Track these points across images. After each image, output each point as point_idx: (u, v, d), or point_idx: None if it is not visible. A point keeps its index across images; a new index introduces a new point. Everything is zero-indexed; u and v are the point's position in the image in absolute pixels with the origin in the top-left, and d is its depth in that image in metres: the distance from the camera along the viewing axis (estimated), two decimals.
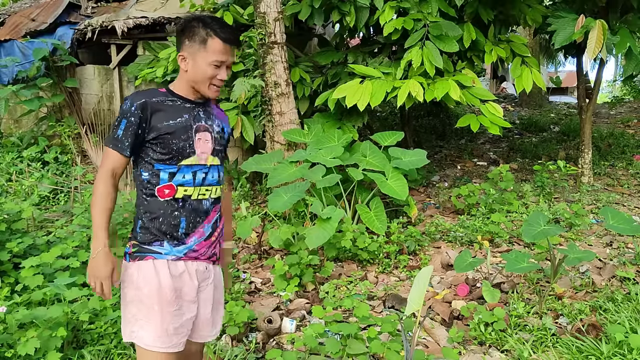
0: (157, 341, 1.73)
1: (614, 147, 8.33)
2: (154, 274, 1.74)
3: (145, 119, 1.70)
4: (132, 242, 1.78)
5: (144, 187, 1.77)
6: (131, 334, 1.76)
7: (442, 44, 5.14)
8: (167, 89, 1.80)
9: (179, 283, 1.78)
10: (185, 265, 1.80)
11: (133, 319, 1.76)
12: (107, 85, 8.04)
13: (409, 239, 4.51)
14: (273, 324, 3.21)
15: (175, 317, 1.76)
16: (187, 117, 1.77)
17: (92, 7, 8.87)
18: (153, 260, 1.75)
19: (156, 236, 1.76)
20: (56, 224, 4.50)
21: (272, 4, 5.24)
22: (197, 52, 1.72)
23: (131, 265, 1.76)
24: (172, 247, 1.77)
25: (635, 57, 5.35)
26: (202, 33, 1.71)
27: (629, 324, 2.87)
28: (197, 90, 1.78)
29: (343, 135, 5.23)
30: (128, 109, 1.69)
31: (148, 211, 1.76)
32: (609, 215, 3.37)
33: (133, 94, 1.75)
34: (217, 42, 1.72)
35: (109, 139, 1.73)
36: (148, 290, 1.73)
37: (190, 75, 1.76)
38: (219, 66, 1.74)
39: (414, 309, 2.26)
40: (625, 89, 16.69)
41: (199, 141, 1.78)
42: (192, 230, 1.80)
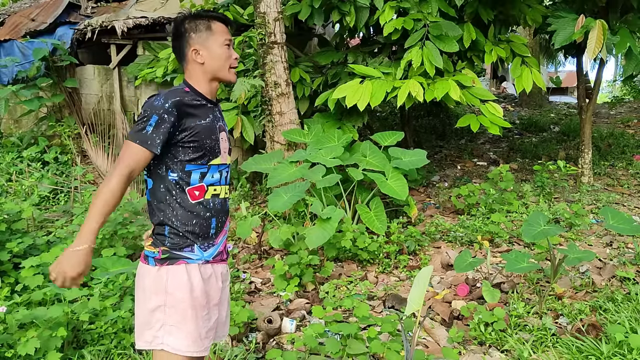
0: (191, 346, 1.71)
1: (614, 147, 8.33)
2: (187, 279, 1.71)
3: (180, 119, 1.67)
4: (162, 247, 1.72)
5: (173, 189, 1.72)
6: (154, 339, 1.71)
7: (442, 44, 5.14)
8: (190, 87, 1.77)
9: (208, 286, 1.77)
10: (212, 267, 1.80)
11: (157, 325, 1.70)
12: (107, 85, 8.04)
13: (409, 239, 4.51)
14: (273, 324, 3.21)
15: (206, 321, 1.76)
16: (212, 117, 1.79)
17: (92, 7, 8.87)
18: (185, 265, 1.72)
19: (187, 240, 1.73)
20: (56, 224, 4.50)
21: (272, 4, 5.24)
22: (207, 39, 1.75)
23: (159, 270, 1.71)
24: (202, 251, 1.76)
25: (635, 57, 5.35)
26: (204, 22, 1.76)
27: (629, 324, 2.87)
28: (217, 78, 1.79)
29: (343, 135, 5.23)
30: (161, 106, 1.63)
31: (178, 214, 1.72)
32: (609, 215, 3.37)
33: (163, 92, 1.69)
34: (219, 24, 1.78)
35: (134, 134, 1.64)
36: (181, 295, 1.70)
37: (208, 66, 1.76)
38: (229, 45, 1.78)
39: (414, 309, 2.26)
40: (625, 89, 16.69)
41: (222, 140, 1.81)
42: (220, 229, 1.82)
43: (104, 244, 3.88)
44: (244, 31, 5.88)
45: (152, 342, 1.72)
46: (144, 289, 1.74)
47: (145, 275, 1.74)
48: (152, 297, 1.71)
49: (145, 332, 1.73)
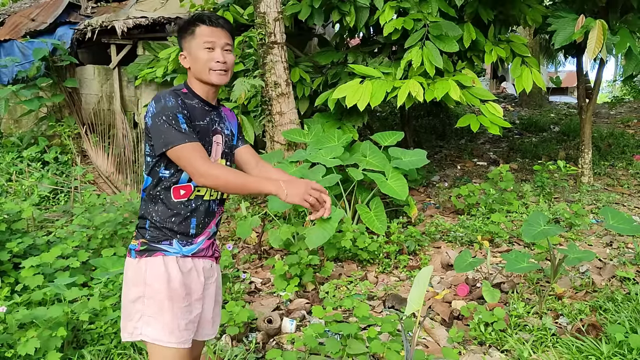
0: (170, 336, 1.71)
1: (614, 147, 8.33)
2: (164, 270, 1.73)
3: (189, 114, 1.71)
4: (140, 240, 1.77)
5: (160, 185, 1.75)
6: (134, 330, 1.74)
7: (442, 44, 5.14)
8: (188, 89, 1.80)
9: (188, 279, 1.78)
10: (193, 262, 1.80)
11: (137, 316, 1.73)
12: (107, 85, 8.04)
13: (409, 239, 4.51)
14: (273, 324, 3.21)
15: (186, 313, 1.76)
16: (208, 120, 1.80)
17: (92, 7, 8.88)
18: (162, 257, 1.74)
19: (166, 235, 1.76)
20: (56, 224, 4.50)
21: (272, 4, 5.24)
22: (190, 43, 1.77)
23: (138, 262, 1.75)
24: (181, 246, 1.77)
25: (635, 57, 5.35)
26: (190, 26, 1.78)
27: (629, 324, 2.87)
28: (203, 82, 1.78)
29: (343, 135, 5.23)
30: (175, 104, 1.67)
31: (160, 210, 1.76)
32: (609, 215, 3.37)
33: (165, 93, 1.72)
34: (203, 27, 1.76)
35: (178, 137, 1.64)
36: (158, 286, 1.72)
37: (193, 69, 1.78)
38: (212, 48, 1.75)
39: (414, 309, 2.26)
40: (625, 89, 16.69)
41: (215, 144, 1.82)
42: (201, 230, 1.82)
43: (104, 244, 3.89)
44: (244, 31, 5.88)
45: (132, 333, 1.74)
46: (126, 281, 1.78)
47: (127, 267, 1.79)
48: (132, 289, 1.75)
49: (127, 324, 1.76)
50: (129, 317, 1.75)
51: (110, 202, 4.83)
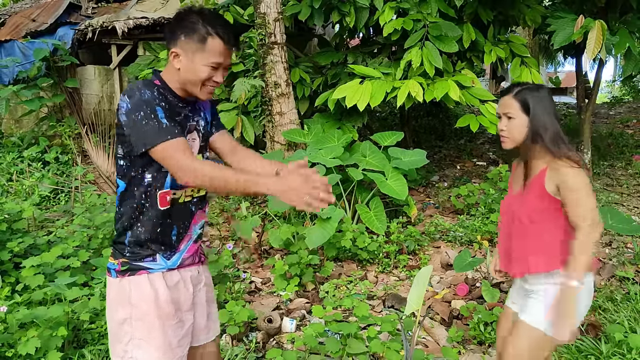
0: (162, 358, 1.62)
1: (613, 147, 8.34)
2: (150, 289, 1.61)
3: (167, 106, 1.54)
4: (120, 259, 1.62)
5: (145, 191, 1.59)
6: (124, 354, 1.63)
7: (441, 45, 5.15)
8: (160, 81, 1.61)
9: (176, 294, 1.67)
10: (180, 273, 1.69)
11: (126, 339, 1.62)
12: (107, 85, 8.05)
13: (408, 239, 4.52)
14: (273, 323, 3.22)
15: (177, 330, 1.67)
16: (182, 117, 1.62)
17: (93, 8, 8.89)
18: (147, 275, 1.62)
19: (149, 249, 1.62)
20: (57, 224, 4.51)
21: (272, 4, 5.25)
22: (194, 52, 1.54)
23: (120, 282, 1.62)
24: (165, 260, 1.65)
25: (635, 58, 5.36)
26: (202, 31, 1.52)
27: (628, 324, 2.88)
28: (186, 90, 1.61)
29: (343, 135, 5.24)
30: (152, 97, 1.51)
31: (145, 221, 1.61)
32: (608, 215, 3.38)
33: (137, 84, 1.54)
34: (218, 43, 1.54)
35: (159, 134, 1.47)
36: (146, 307, 1.60)
37: (182, 75, 1.57)
38: (216, 68, 1.57)
39: (414, 309, 2.27)
40: (624, 89, 16.70)
41: (190, 142, 1.65)
42: (183, 235, 1.69)
43: (104, 244, 3.89)
44: (244, 31, 5.89)
45: (123, 357, 1.64)
46: (110, 302, 1.67)
47: (109, 287, 1.67)
48: (118, 309, 1.63)
49: (117, 346, 1.65)
50: (118, 339, 1.64)
51: (111, 202, 4.84)
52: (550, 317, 1.80)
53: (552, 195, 1.83)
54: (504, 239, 2.05)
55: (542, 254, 1.88)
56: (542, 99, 1.84)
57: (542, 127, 1.82)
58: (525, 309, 1.92)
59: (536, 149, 1.86)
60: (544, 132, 1.82)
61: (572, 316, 1.75)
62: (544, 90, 1.88)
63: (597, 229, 1.78)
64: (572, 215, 1.80)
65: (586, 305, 1.90)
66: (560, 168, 1.80)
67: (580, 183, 1.78)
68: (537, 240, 1.88)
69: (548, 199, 1.84)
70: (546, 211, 1.86)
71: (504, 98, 1.88)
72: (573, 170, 1.79)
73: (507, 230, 2.01)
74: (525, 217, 1.90)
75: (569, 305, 1.75)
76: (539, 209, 1.86)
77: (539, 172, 1.86)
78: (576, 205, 1.79)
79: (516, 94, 1.85)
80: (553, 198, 1.84)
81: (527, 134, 1.84)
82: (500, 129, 1.89)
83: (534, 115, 1.82)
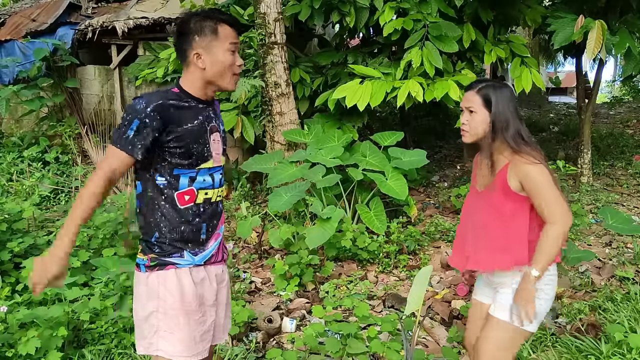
0: (185, 351, 1.69)
1: (613, 147, 8.34)
2: (177, 284, 1.69)
3: (164, 123, 1.61)
4: (150, 255, 1.70)
5: (161, 194, 1.68)
6: (149, 346, 1.70)
7: (441, 45, 5.14)
8: (179, 89, 1.71)
9: (201, 289, 1.75)
10: (205, 270, 1.77)
11: (152, 330, 1.69)
12: (107, 85, 8.05)
13: (408, 239, 4.52)
14: (273, 323, 3.22)
15: (200, 325, 1.74)
16: (201, 119, 1.71)
17: (93, 8, 8.88)
18: (175, 269, 1.69)
19: (176, 247, 1.70)
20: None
21: (272, 4, 5.25)
22: (211, 44, 1.66)
23: (149, 276, 1.70)
24: (192, 256, 1.73)
25: (635, 58, 5.36)
26: (210, 24, 1.66)
27: (628, 324, 2.88)
28: (215, 85, 1.72)
29: (343, 135, 5.24)
30: (142, 110, 1.58)
31: (167, 221, 1.69)
32: (608, 215, 3.38)
33: (147, 94, 1.63)
34: (227, 28, 1.68)
35: (116, 138, 1.60)
36: (172, 300, 1.68)
37: (209, 72, 1.68)
38: (234, 51, 1.70)
39: (414, 309, 2.27)
40: (624, 89, 16.69)
41: (213, 142, 1.75)
42: (211, 234, 1.78)
43: (104, 244, 3.89)
44: (244, 31, 5.89)
45: (148, 348, 1.72)
46: (138, 296, 1.73)
47: (138, 282, 1.74)
48: (145, 303, 1.70)
49: (143, 339, 1.73)
50: (145, 331, 1.72)
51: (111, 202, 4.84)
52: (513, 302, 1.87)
53: (516, 191, 1.85)
54: (463, 235, 2.06)
55: (508, 251, 1.89)
56: (504, 96, 1.86)
57: (503, 123, 1.84)
58: (496, 304, 1.95)
59: (498, 145, 1.88)
60: (505, 129, 1.84)
61: (531, 301, 1.82)
62: (507, 88, 1.90)
63: (564, 222, 1.81)
64: (540, 211, 1.83)
65: (548, 294, 1.92)
66: (520, 165, 1.82)
67: (540, 179, 1.80)
68: (503, 236, 1.90)
69: (512, 195, 1.86)
70: (512, 207, 1.87)
71: (467, 93, 1.90)
72: (534, 167, 1.81)
73: (469, 227, 2.01)
74: (492, 213, 1.91)
75: (528, 292, 1.82)
76: (504, 205, 1.88)
77: (502, 167, 1.88)
78: (541, 200, 1.81)
79: (479, 90, 1.87)
80: (517, 195, 1.86)
81: (488, 130, 1.87)
82: (462, 122, 1.92)
83: (496, 111, 1.84)
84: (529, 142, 1.88)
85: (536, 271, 1.81)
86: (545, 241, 1.82)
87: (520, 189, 1.85)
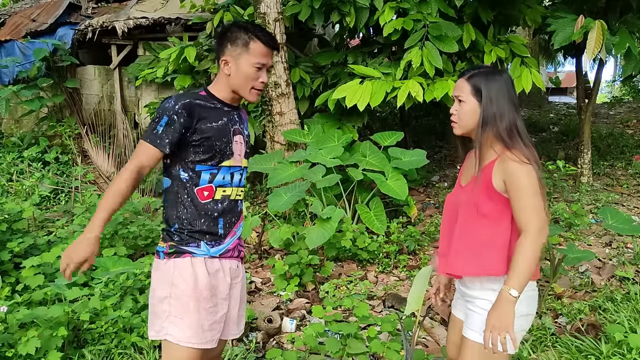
0: (192, 337, 1.75)
1: (613, 147, 8.34)
2: (191, 271, 1.76)
3: (190, 120, 1.72)
4: (169, 242, 1.80)
5: (184, 188, 1.79)
6: (161, 329, 1.77)
7: (441, 45, 5.14)
8: (207, 92, 1.83)
9: (215, 280, 1.81)
10: (220, 262, 1.84)
11: (164, 315, 1.76)
12: (107, 85, 8.05)
13: (408, 239, 4.52)
14: (273, 323, 3.22)
15: (211, 314, 1.79)
16: (225, 120, 1.82)
17: (93, 8, 8.89)
18: (191, 258, 1.78)
19: (193, 238, 1.79)
20: (57, 224, 4.51)
21: (272, 4, 5.25)
22: (240, 56, 1.77)
23: (166, 263, 1.79)
24: (209, 247, 1.81)
25: (635, 58, 5.36)
26: (245, 37, 1.77)
27: (628, 324, 2.88)
28: (238, 94, 1.83)
29: (343, 135, 5.24)
30: (171, 107, 1.71)
31: (187, 213, 1.79)
32: (608, 215, 3.38)
33: (176, 95, 1.77)
34: (259, 45, 1.77)
35: (147, 133, 1.73)
36: (185, 287, 1.75)
37: (233, 80, 1.79)
38: (261, 68, 1.79)
39: (414, 309, 2.26)
40: (624, 89, 16.70)
41: (236, 143, 1.85)
42: (228, 230, 1.86)
43: (104, 244, 3.89)
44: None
45: (159, 332, 1.78)
46: (154, 281, 1.82)
47: (156, 267, 1.83)
48: (160, 288, 1.79)
49: (155, 322, 1.80)
50: (157, 315, 1.79)
51: None
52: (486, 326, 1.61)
53: (500, 192, 1.66)
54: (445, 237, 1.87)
55: (477, 256, 1.70)
56: (497, 84, 1.66)
57: (497, 114, 1.64)
58: (468, 323, 1.77)
59: (489, 138, 1.68)
60: (499, 120, 1.64)
61: (508, 327, 1.56)
62: (502, 74, 1.69)
63: (542, 234, 1.58)
64: (516, 217, 1.63)
65: (527, 315, 1.72)
66: (507, 161, 1.62)
67: (526, 181, 1.59)
68: (476, 239, 1.70)
69: (495, 195, 1.67)
70: (491, 209, 1.68)
71: (458, 80, 1.72)
72: (521, 167, 1.60)
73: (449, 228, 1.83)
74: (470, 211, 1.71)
75: (505, 315, 1.57)
76: (484, 204, 1.68)
77: (488, 163, 1.69)
78: (520, 205, 1.60)
79: (470, 77, 1.68)
80: (500, 196, 1.66)
81: (478, 121, 1.67)
82: (451, 112, 1.75)
83: (486, 100, 1.65)
84: (524, 137, 1.66)
85: (514, 290, 1.56)
86: (521, 255, 1.58)
87: (504, 189, 1.65)
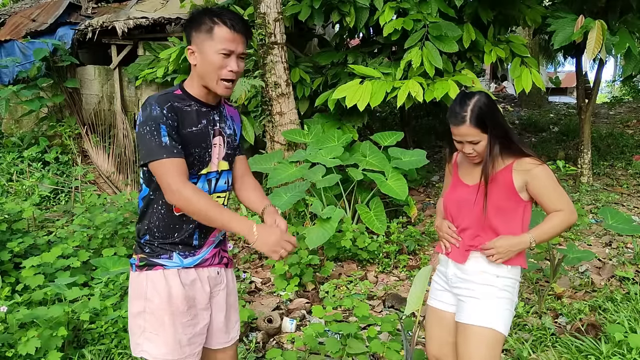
0: (168, 354, 1.66)
1: (613, 147, 8.34)
2: (164, 284, 1.66)
3: (176, 123, 1.59)
4: (139, 255, 1.69)
5: (160, 197, 1.64)
6: (136, 346, 1.69)
7: (441, 45, 5.14)
8: (182, 90, 1.67)
9: (191, 291, 1.70)
10: (196, 272, 1.72)
11: (139, 331, 1.68)
12: (107, 85, 8.05)
13: (408, 239, 4.52)
14: (273, 323, 3.22)
15: (189, 327, 1.69)
16: (205, 123, 1.67)
17: (93, 8, 8.88)
18: (163, 270, 1.67)
19: (164, 250, 1.68)
20: (57, 224, 4.51)
21: (272, 4, 5.25)
22: (204, 42, 1.60)
23: (139, 275, 1.69)
24: (182, 259, 1.69)
25: (635, 58, 5.36)
26: (209, 22, 1.59)
27: (628, 324, 2.88)
28: (207, 87, 1.65)
29: (343, 135, 5.24)
30: (160, 114, 1.56)
31: (160, 224, 1.68)
32: (608, 215, 3.38)
33: (153, 97, 1.60)
34: (224, 30, 1.59)
35: (157, 151, 1.55)
36: (158, 302, 1.65)
37: (199, 69, 1.63)
38: (228, 55, 1.60)
39: (414, 309, 2.26)
40: (624, 89, 16.68)
41: (214, 147, 1.71)
42: (204, 241, 1.74)
43: (104, 244, 3.90)
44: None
45: (135, 349, 1.70)
46: (130, 295, 1.73)
47: (130, 281, 1.74)
48: (134, 303, 1.70)
49: (132, 338, 1.72)
50: (133, 331, 1.71)
51: (111, 202, 4.85)
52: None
53: (518, 191, 1.89)
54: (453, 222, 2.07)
55: None
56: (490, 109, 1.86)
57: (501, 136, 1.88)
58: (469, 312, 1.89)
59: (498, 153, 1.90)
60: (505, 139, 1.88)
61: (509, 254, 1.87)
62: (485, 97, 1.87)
63: (573, 215, 1.91)
64: (550, 208, 1.90)
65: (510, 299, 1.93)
66: (526, 165, 1.87)
67: (550, 178, 1.88)
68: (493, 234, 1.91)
69: (514, 196, 1.90)
70: (508, 207, 1.91)
71: (460, 128, 1.85)
72: (542, 168, 1.87)
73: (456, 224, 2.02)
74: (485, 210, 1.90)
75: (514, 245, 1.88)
76: (502, 203, 1.90)
77: (503, 168, 1.90)
78: (551, 197, 1.88)
79: (471, 121, 1.84)
80: (517, 195, 1.90)
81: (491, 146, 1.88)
82: (468, 152, 1.90)
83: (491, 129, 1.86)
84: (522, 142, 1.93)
85: (533, 239, 1.88)
86: (550, 221, 1.89)
87: (522, 189, 1.89)
